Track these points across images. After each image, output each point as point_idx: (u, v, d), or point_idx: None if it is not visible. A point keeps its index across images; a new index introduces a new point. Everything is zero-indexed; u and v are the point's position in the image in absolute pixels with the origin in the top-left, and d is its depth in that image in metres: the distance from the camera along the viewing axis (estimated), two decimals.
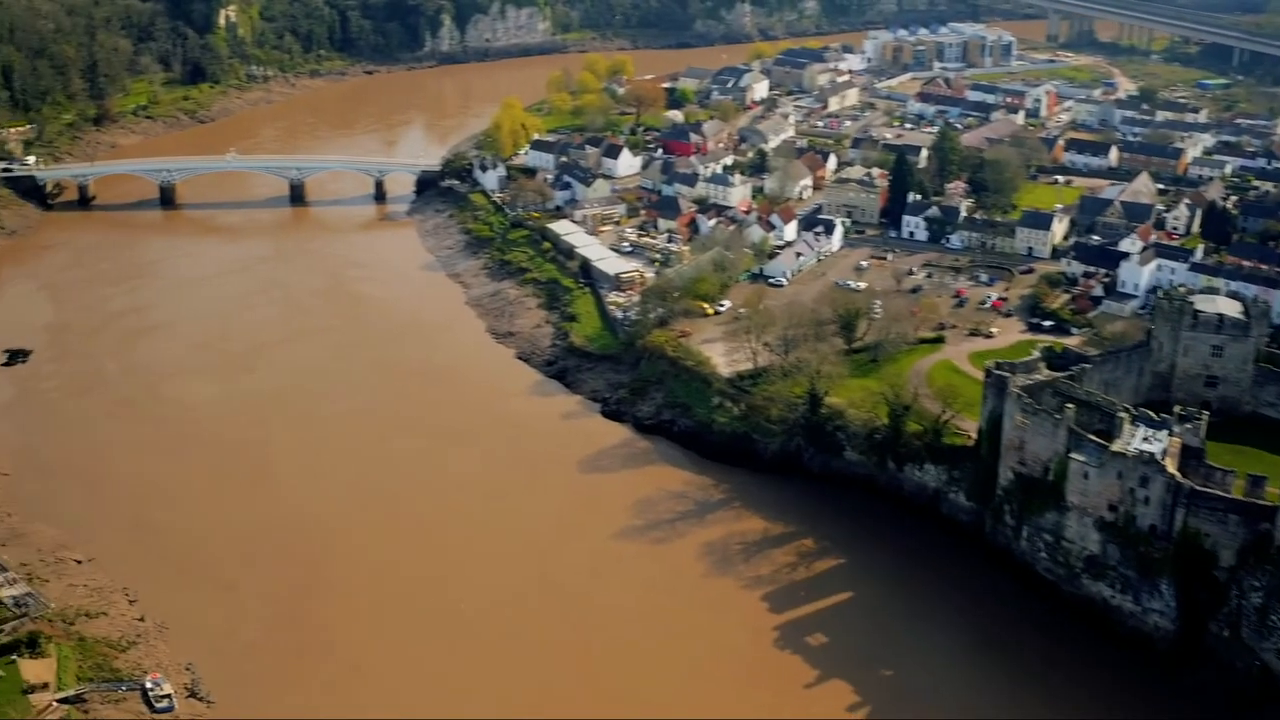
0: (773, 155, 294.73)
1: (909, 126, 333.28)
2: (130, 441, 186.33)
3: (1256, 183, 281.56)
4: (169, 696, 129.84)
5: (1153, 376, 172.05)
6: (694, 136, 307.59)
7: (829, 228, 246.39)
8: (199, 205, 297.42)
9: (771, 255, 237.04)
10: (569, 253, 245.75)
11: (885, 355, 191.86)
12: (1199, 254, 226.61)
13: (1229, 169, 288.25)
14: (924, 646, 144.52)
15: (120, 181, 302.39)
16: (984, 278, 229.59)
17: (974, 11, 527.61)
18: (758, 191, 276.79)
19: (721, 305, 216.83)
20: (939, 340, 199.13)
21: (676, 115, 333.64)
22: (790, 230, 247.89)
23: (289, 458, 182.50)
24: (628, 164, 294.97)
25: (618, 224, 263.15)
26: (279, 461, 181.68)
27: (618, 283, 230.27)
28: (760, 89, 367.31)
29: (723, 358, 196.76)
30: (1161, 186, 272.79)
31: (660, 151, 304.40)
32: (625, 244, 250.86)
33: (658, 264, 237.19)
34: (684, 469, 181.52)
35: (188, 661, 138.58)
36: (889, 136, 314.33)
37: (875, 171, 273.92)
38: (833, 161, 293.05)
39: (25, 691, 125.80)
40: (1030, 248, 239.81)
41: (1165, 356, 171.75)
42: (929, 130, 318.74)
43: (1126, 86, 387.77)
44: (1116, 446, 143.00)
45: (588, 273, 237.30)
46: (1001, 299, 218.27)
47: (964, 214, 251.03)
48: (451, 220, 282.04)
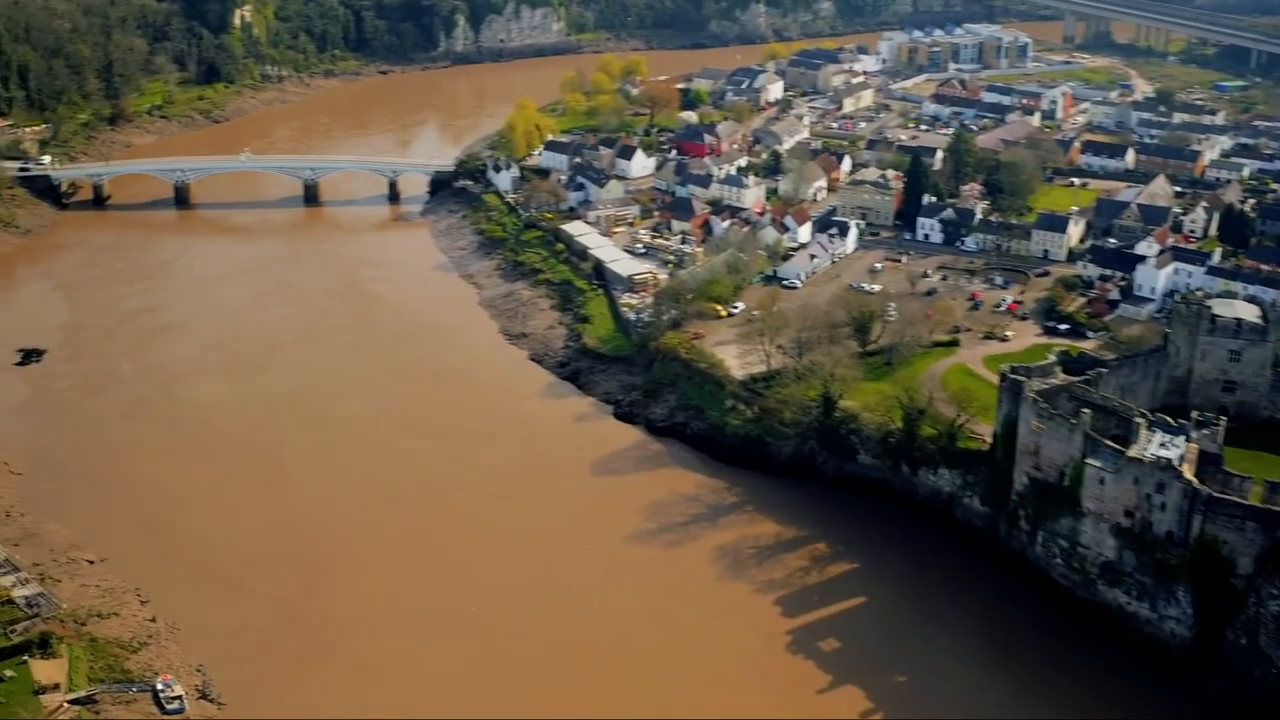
0: (787, 157, 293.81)
1: (924, 128, 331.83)
2: (143, 442, 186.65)
3: (1274, 185, 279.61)
4: (180, 698, 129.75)
5: (1170, 381, 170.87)
6: (708, 138, 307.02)
7: (843, 230, 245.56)
8: (213, 205, 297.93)
9: (785, 257, 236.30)
10: (582, 254, 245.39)
11: (900, 358, 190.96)
12: (1216, 257, 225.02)
13: (1247, 171, 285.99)
14: (937, 652, 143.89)
15: (135, 181, 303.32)
16: (999, 280, 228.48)
17: (990, 12, 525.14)
18: (772, 193, 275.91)
19: (735, 307, 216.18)
20: (954, 343, 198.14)
21: (691, 116, 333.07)
22: (804, 232, 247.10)
23: (301, 458, 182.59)
24: (641, 165, 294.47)
25: (631, 225, 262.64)
26: (291, 462, 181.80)
27: (631, 284, 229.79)
28: (775, 90, 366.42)
29: (736, 360, 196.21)
30: (1178, 189, 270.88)
31: (674, 152, 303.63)
32: (639, 245, 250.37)
33: (671, 266, 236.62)
34: (696, 472, 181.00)
35: (199, 663, 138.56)
36: (904, 138, 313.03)
37: (890, 173, 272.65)
38: (847, 163, 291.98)
39: (36, 692, 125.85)
40: (1046, 250, 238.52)
41: (1182, 361, 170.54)
42: (944, 132, 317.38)
43: (1143, 88, 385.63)
44: (1133, 452, 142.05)
45: (601, 274, 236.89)
46: (1017, 302, 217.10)
47: (979, 216, 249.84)
48: (465, 221, 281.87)
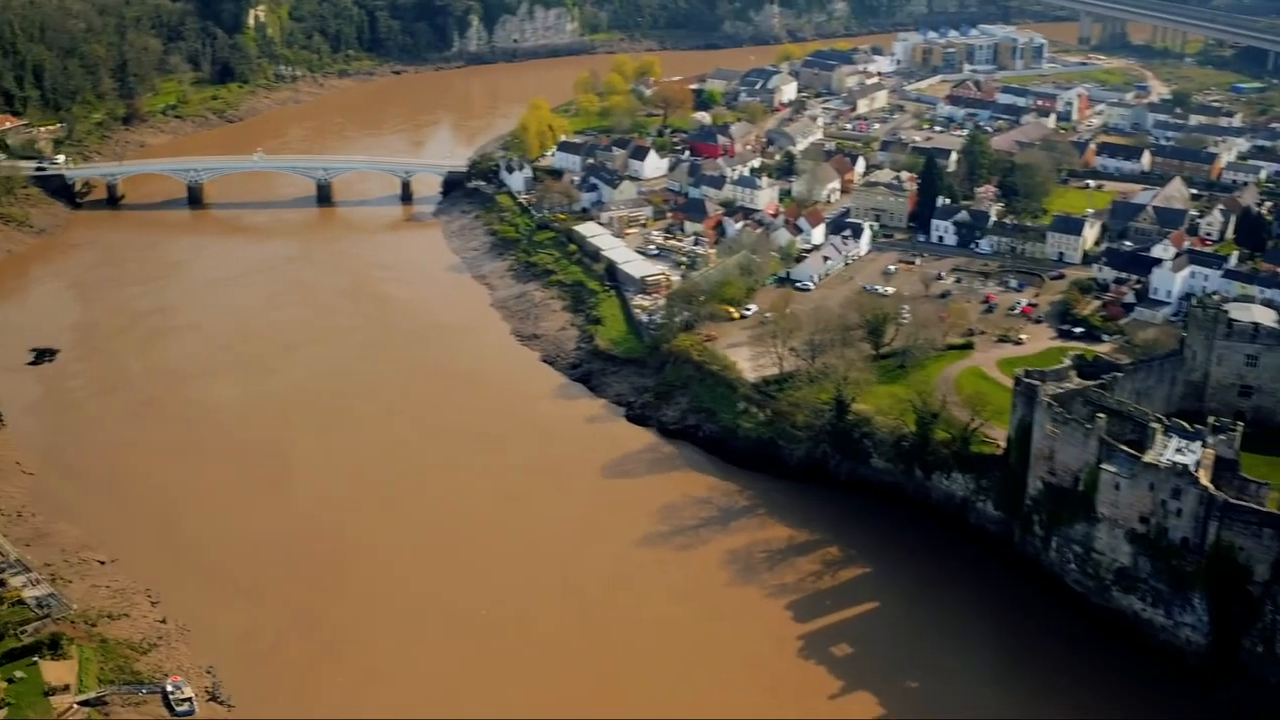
0: (800, 158, 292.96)
1: (938, 129, 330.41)
2: (154, 442, 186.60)
3: None
4: (190, 700, 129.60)
5: (1186, 386, 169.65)
6: (721, 139, 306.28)
7: (857, 231, 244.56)
8: (226, 205, 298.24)
9: (798, 259, 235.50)
10: (595, 255, 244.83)
11: (913, 361, 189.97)
12: (1233, 261, 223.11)
13: (1264, 174, 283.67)
14: (950, 658, 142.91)
15: (148, 181, 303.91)
16: (1014, 283, 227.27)
17: (1005, 13, 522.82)
18: (785, 194, 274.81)
19: (748, 309, 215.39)
20: (968, 346, 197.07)
21: (704, 117, 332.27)
22: (818, 234, 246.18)
23: (311, 460, 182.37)
24: (654, 166, 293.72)
25: (644, 226, 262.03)
26: (302, 463, 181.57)
27: (643, 286, 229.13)
28: (788, 91, 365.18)
29: (748, 362, 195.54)
30: (1195, 191, 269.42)
31: (687, 153, 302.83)
32: (651, 247, 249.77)
33: (684, 267, 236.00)
34: (708, 474, 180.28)
35: (209, 664, 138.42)
36: (918, 139, 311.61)
37: (904, 175, 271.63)
38: (861, 164, 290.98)
39: (47, 693, 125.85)
40: (1061, 253, 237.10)
41: (1199, 365, 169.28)
42: (959, 133, 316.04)
43: (1159, 90, 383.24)
44: (1148, 457, 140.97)
45: (613, 275, 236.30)
46: (1031, 305, 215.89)
47: (994, 218, 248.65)
48: (477, 221, 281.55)
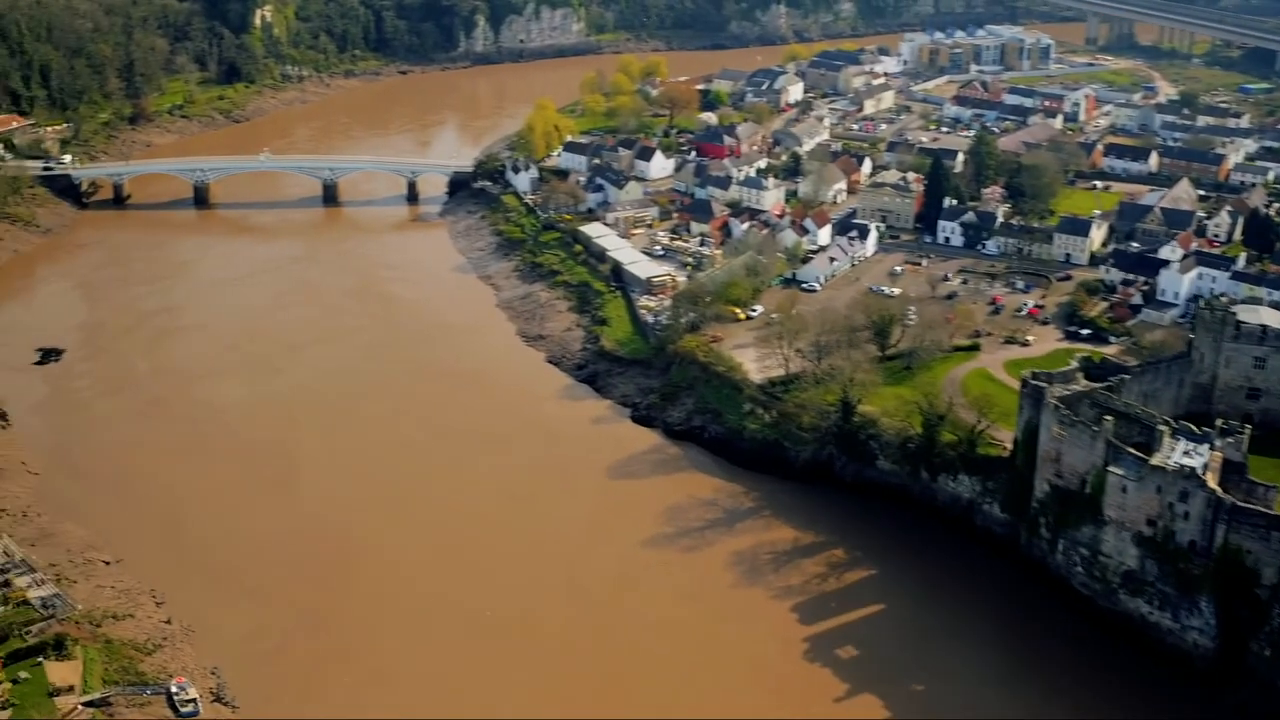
0: (807, 158, 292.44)
1: (945, 130, 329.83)
2: (160, 442, 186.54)
3: None
4: (194, 701, 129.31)
5: (1193, 388, 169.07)
6: (728, 139, 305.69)
7: (863, 232, 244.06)
8: (232, 205, 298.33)
9: (805, 260, 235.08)
10: (600, 256, 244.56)
11: (919, 363, 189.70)
12: (1241, 262, 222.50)
13: (1272, 175, 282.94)
14: (956, 661, 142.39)
15: (155, 181, 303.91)
16: (1020, 284, 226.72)
17: (1012, 14, 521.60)
18: (791, 195, 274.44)
19: (753, 310, 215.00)
20: (974, 348, 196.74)
21: (710, 117, 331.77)
22: (824, 235, 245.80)
23: (317, 460, 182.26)
24: (660, 166, 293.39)
25: (650, 227, 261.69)
26: (307, 464, 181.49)
27: (649, 286, 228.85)
28: (795, 91, 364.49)
29: (754, 364, 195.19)
30: (1202, 193, 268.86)
31: (693, 154, 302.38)
32: (657, 247, 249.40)
33: (690, 268, 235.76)
34: (714, 476, 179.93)
35: (214, 665, 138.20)
36: (925, 140, 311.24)
37: (911, 176, 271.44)
38: (868, 165, 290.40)
39: (51, 694, 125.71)
40: (1068, 254, 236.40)
41: (1206, 368, 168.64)
42: (965, 134, 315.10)
43: (1167, 90, 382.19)
44: (1156, 460, 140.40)
45: (619, 276, 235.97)
46: (1038, 306, 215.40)
47: (1000, 219, 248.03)
48: (483, 222, 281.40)
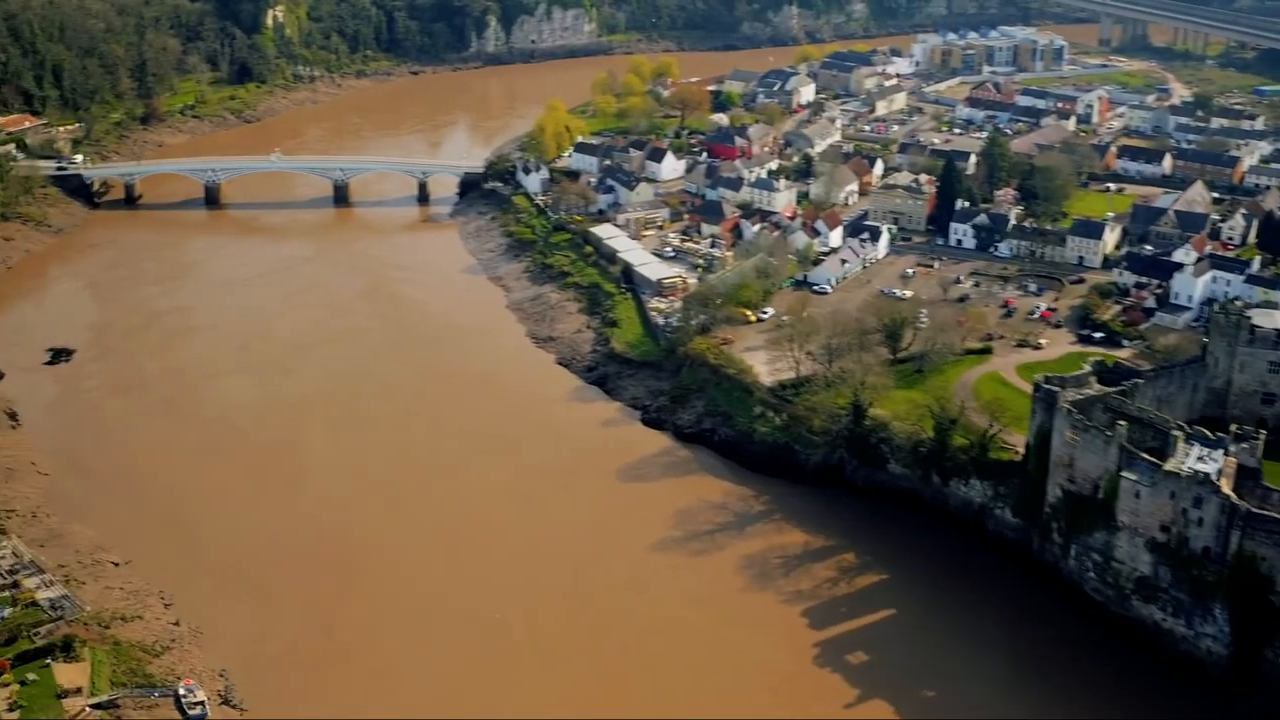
0: (819, 160, 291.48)
1: (957, 132, 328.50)
2: (170, 443, 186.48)
3: None
4: (202, 703, 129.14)
5: (1207, 393, 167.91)
6: (739, 140, 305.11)
7: (875, 234, 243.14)
8: (243, 205, 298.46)
9: (816, 262, 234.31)
10: (611, 257, 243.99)
11: (931, 366, 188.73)
12: (1255, 265, 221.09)
13: None
14: (967, 667, 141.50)
15: (166, 180, 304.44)
16: (1033, 287, 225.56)
17: (1025, 15, 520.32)
18: (803, 197, 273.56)
19: (764, 312, 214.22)
20: (986, 351, 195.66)
21: (721, 118, 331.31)
22: (835, 237, 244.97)
23: (326, 461, 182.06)
24: (671, 168, 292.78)
25: (660, 228, 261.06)
26: (316, 465, 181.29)
27: (660, 288, 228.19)
28: (807, 92, 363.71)
29: (765, 366, 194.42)
30: (1217, 195, 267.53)
31: (704, 155, 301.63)
32: (668, 249, 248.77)
33: (700, 269, 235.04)
34: (724, 479, 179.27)
35: (221, 667, 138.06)
36: (937, 142, 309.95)
37: (923, 177, 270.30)
38: (879, 167, 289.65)
39: (59, 696, 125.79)
40: (1081, 257, 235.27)
41: (1221, 372, 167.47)
42: (978, 136, 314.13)
43: (1181, 92, 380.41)
44: (1169, 465, 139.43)
45: (630, 278, 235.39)
46: (1051, 309, 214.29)
47: (1013, 222, 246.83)
48: (494, 223, 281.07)
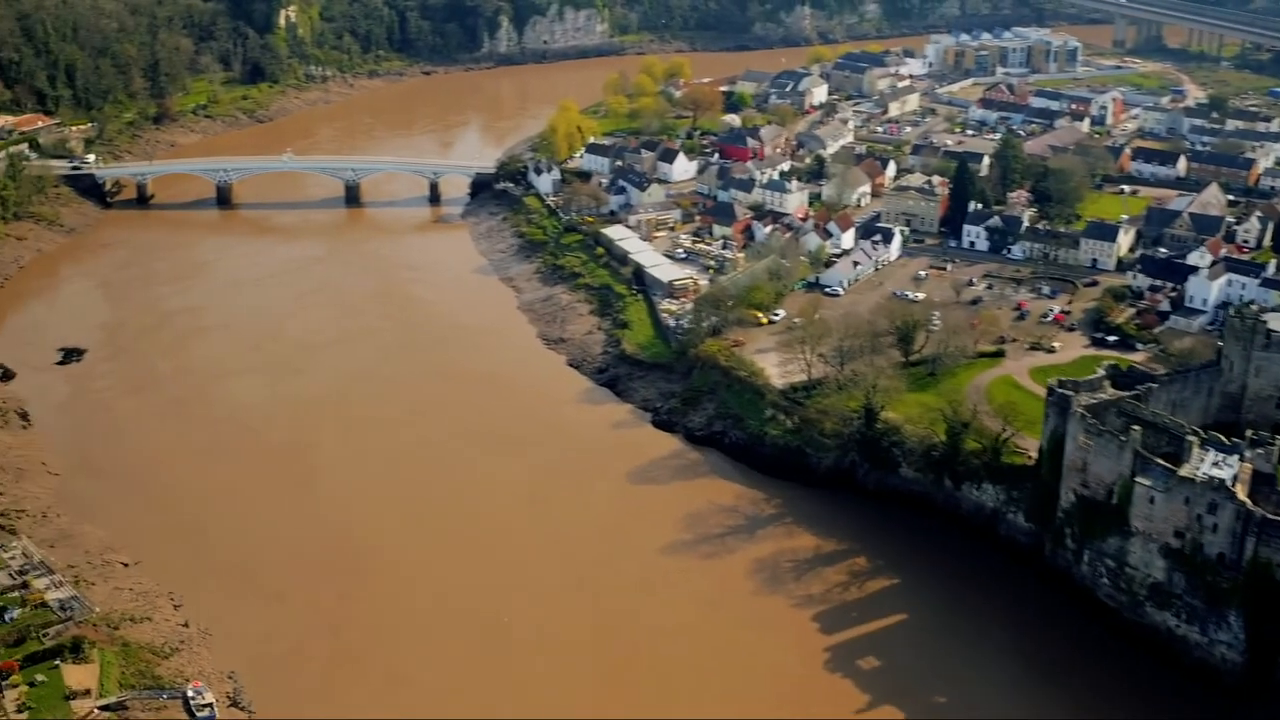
0: (831, 161, 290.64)
1: (970, 133, 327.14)
2: (180, 443, 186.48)
3: None
4: (210, 705, 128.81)
5: (1223, 397, 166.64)
6: (751, 141, 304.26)
7: (887, 236, 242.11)
8: (255, 205, 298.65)
9: (828, 264, 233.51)
10: (622, 258, 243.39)
11: (944, 369, 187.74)
12: (1271, 269, 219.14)
13: None
14: (979, 672, 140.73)
15: (178, 180, 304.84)
16: (1046, 290, 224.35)
17: (1039, 16, 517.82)
18: (815, 198, 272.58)
19: (776, 315, 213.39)
20: (999, 354, 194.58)
21: (733, 119, 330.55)
22: (847, 238, 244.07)
23: (335, 462, 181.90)
24: (683, 169, 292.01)
25: (672, 230, 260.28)
26: (326, 465, 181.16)
27: (671, 290, 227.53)
28: (819, 93, 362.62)
29: (776, 369, 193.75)
30: (1232, 198, 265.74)
31: (716, 156, 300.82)
32: (679, 250, 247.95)
33: (712, 271, 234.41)
34: (735, 482, 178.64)
35: (230, 669, 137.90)
36: (950, 143, 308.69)
37: (935, 179, 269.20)
38: (892, 168, 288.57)
39: (67, 697, 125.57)
40: (1095, 260, 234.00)
41: (1236, 377, 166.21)
42: (991, 137, 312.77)
43: (1196, 94, 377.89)
44: (1184, 471, 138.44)
45: (641, 279, 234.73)
46: (1064, 312, 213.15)
47: (1026, 224, 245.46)
48: (505, 223, 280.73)
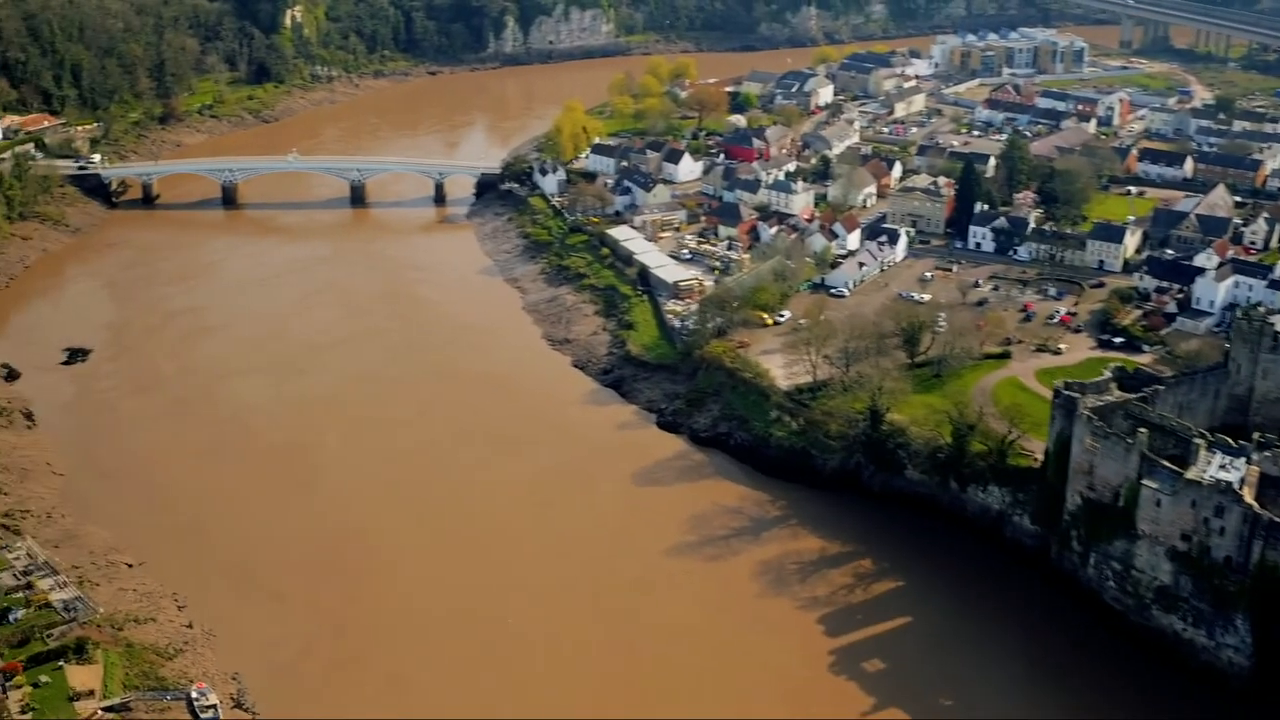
0: (837, 162, 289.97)
1: (977, 134, 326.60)
2: (184, 443, 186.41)
3: None
4: (214, 707, 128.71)
5: (1230, 399, 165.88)
6: (756, 142, 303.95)
7: (893, 237, 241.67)
8: (260, 205, 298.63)
9: (833, 265, 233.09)
10: (627, 259, 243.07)
11: (949, 371, 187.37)
12: (1278, 270, 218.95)
13: None
14: (984, 675, 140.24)
15: (183, 180, 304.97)
16: (1053, 291, 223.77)
17: (1045, 16, 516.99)
18: (821, 199, 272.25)
19: (781, 316, 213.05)
20: (1005, 356, 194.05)
21: (739, 120, 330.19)
22: (853, 239, 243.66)
23: (339, 463, 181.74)
24: (689, 169, 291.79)
25: (677, 230, 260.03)
26: (329, 466, 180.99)
27: (676, 291, 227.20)
28: (825, 94, 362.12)
29: (781, 370, 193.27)
30: (1239, 199, 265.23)
31: (722, 157, 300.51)
32: (684, 251, 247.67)
33: (717, 272, 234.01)
34: (740, 483, 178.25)
35: (234, 670, 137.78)
36: (956, 144, 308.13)
37: (941, 180, 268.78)
38: (898, 169, 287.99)
39: (71, 699, 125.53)
40: (1101, 261, 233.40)
41: (1243, 379, 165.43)
42: (997, 138, 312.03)
43: (1202, 95, 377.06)
44: (1191, 474, 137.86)
45: (646, 280, 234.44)
46: (1070, 314, 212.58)
47: (1033, 225, 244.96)
48: (510, 224, 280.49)
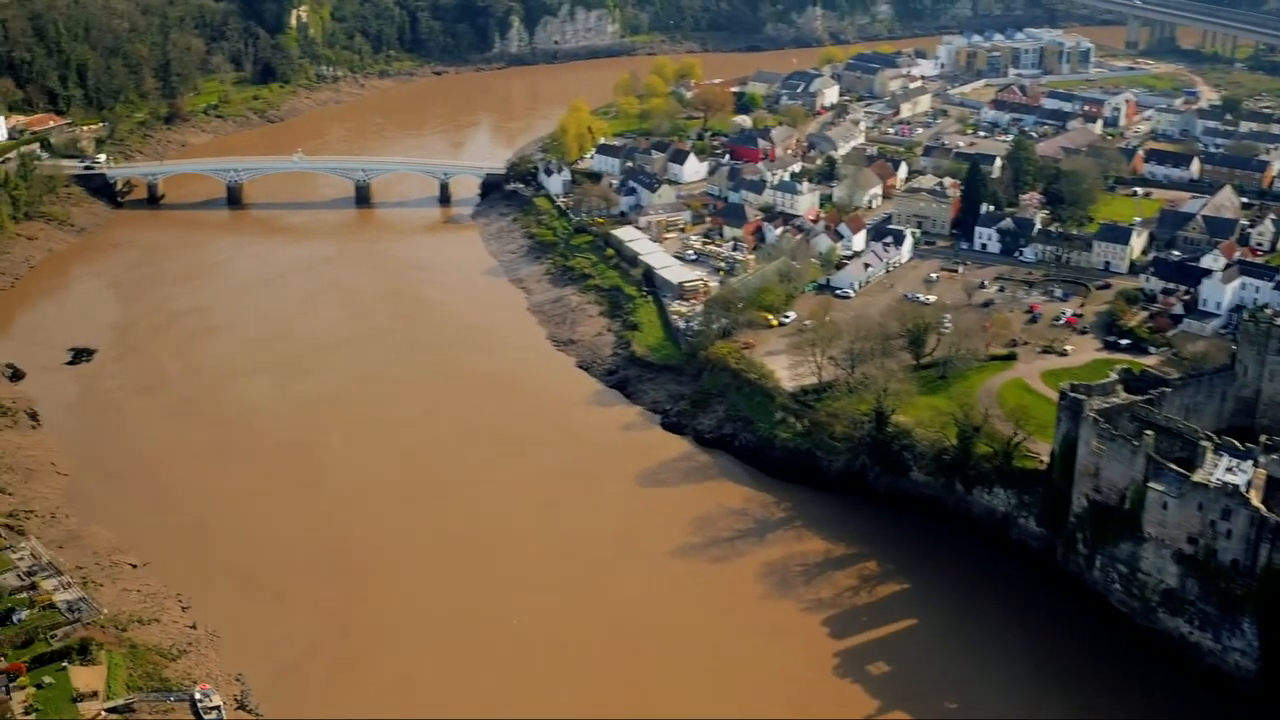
0: (842, 162, 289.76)
1: (983, 135, 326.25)
2: (190, 444, 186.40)
3: None
4: (218, 708, 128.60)
5: (1236, 402, 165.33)
6: (762, 142, 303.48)
7: (898, 238, 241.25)
8: (265, 205, 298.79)
9: (839, 266, 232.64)
10: (632, 260, 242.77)
11: (955, 372, 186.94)
12: None
13: None
14: (990, 678, 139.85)
15: (189, 180, 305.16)
16: (1058, 293, 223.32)
17: (1051, 17, 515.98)
18: (826, 200, 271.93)
19: (786, 317, 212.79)
20: (1011, 357, 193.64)
21: (744, 120, 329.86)
22: (859, 240, 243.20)
23: (344, 463, 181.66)
24: (694, 170, 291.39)
25: (682, 231, 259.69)
26: (334, 467, 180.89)
27: (681, 291, 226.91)
28: (830, 94, 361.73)
29: (786, 371, 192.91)
30: (1245, 200, 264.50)
31: (727, 157, 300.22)
32: (689, 252, 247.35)
33: (722, 273, 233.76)
34: (744, 485, 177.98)
35: (238, 672, 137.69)
36: (962, 145, 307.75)
37: (947, 181, 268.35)
38: (903, 170, 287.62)
39: (75, 700, 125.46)
40: (1107, 262, 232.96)
41: (1250, 381, 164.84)
42: (1003, 139, 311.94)
43: (1209, 95, 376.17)
44: (1198, 476, 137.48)
45: (651, 281, 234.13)
46: (1076, 315, 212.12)
47: (1038, 226, 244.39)
48: (515, 224, 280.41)
